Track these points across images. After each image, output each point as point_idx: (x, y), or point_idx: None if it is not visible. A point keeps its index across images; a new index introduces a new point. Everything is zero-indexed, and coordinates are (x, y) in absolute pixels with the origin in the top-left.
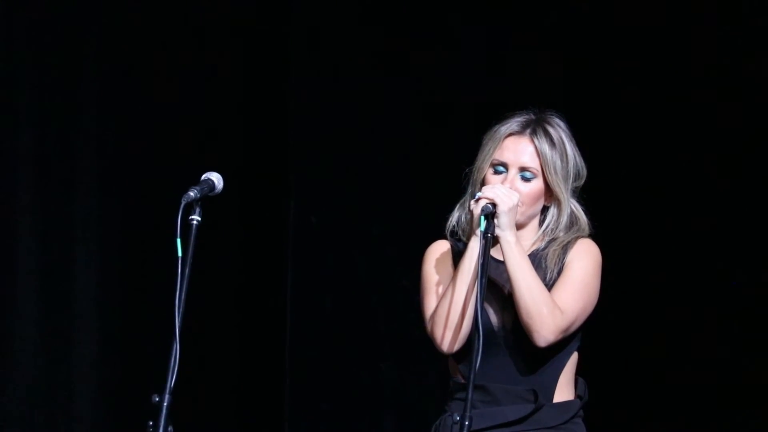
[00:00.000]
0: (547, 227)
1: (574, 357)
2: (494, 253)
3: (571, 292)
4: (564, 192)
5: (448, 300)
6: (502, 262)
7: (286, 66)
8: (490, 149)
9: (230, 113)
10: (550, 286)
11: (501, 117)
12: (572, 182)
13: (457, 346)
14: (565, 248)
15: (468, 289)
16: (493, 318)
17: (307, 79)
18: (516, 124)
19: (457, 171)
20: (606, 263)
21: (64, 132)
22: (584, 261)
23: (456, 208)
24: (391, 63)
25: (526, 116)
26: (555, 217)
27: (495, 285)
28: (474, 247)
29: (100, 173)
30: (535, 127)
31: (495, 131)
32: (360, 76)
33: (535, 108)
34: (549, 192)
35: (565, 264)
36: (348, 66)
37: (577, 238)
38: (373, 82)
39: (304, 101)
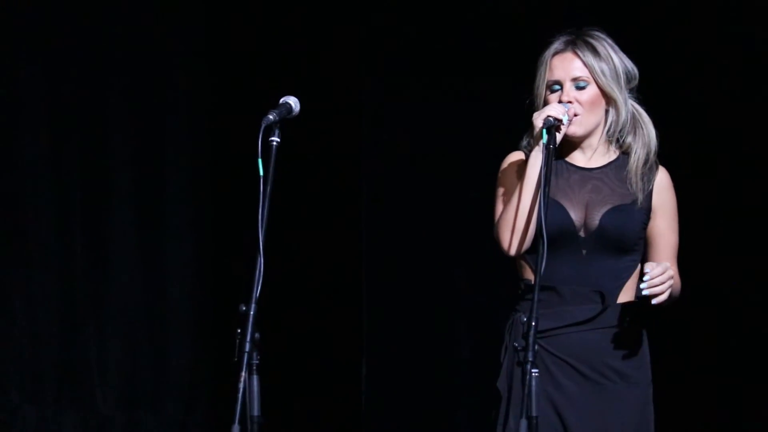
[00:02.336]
0: (609, 128)
1: (639, 265)
2: (570, 159)
3: (675, 256)
4: (617, 92)
5: (514, 206)
6: (578, 168)
7: None
8: (542, 73)
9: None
10: (637, 212)
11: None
12: (625, 83)
13: (522, 249)
14: (650, 174)
15: (532, 195)
16: (576, 219)
17: None
18: (558, 43)
19: None
20: None
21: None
22: (675, 221)
23: (524, 138)
24: None
25: (567, 36)
26: (615, 117)
27: (575, 189)
28: (537, 155)
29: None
30: (576, 41)
31: (542, 57)
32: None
33: (574, 28)
34: (606, 96)
35: (656, 210)
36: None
37: (657, 165)
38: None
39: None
